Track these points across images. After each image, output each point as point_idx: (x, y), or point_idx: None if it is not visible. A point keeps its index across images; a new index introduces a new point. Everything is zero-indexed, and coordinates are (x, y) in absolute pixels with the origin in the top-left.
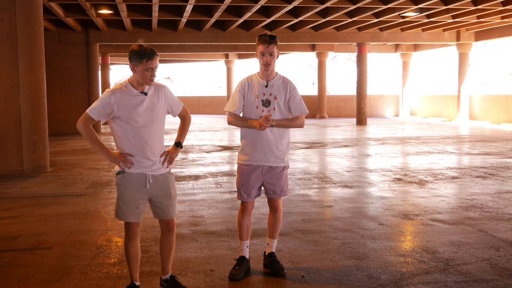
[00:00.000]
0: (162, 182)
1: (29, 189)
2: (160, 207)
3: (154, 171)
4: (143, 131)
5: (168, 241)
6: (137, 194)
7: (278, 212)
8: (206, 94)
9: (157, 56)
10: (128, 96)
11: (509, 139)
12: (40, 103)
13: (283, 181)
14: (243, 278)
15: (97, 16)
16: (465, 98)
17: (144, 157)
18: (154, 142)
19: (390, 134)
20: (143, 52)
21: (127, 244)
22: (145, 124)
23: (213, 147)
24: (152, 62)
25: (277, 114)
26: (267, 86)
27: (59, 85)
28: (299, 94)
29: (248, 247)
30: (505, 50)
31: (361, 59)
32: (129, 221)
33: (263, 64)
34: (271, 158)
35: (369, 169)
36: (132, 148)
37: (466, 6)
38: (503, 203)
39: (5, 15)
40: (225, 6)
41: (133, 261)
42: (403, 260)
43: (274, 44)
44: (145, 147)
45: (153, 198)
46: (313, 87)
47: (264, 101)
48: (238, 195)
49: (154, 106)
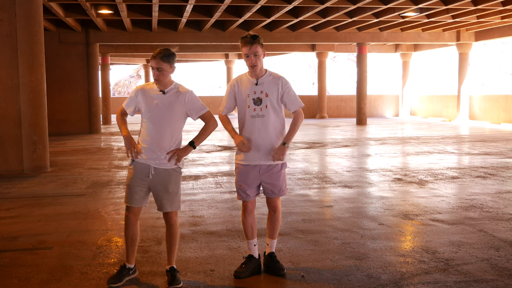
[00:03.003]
0: (163, 177)
1: (29, 189)
2: (157, 199)
3: (158, 165)
4: (154, 125)
5: (170, 234)
6: (138, 181)
7: (277, 212)
8: (206, 94)
9: (160, 56)
10: (149, 92)
11: (509, 139)
12: (40, 103)
13: (281, 181)
14: (249, 277)
15: (97, 16)
16: (465, 98)
17: (151, 150)
18: (163, 138)
19: (390, 134)
20: (153, 53)
21: (124, 227)
22: (157, 120)
23: (213, 147)
24: (153, 61)
25: (270, 112)
26: (257, 84)
27: (59, 85)
28: (293, 89)
29: (255, 246)
30: (505, 50)
31: (361, 59)
32: (129, 205)
33: (249, 66)
34: (267, 157)
35: (369, 169)
36: (145, 139)
37: (466, 6)
38: (503, 203)
39: (5, 15)
40: (225, 6)
41: (128, 243)
42: (403, 260)
43: (257, 44)
44: (154, 141)
45: (152, 190)
46: (313, 87)
47: (255, 99)
48: (238, 195)
49: (171, 106)
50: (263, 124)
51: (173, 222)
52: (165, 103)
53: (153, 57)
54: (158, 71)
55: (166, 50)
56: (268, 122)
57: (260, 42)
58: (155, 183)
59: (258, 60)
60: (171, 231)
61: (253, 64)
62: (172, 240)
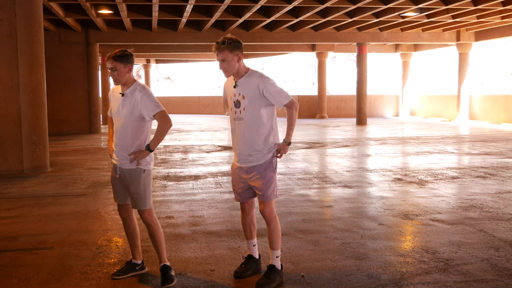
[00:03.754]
0: (126, 176)
1: (29, 189)
2: (130, 197)
3: (121, 165)
4: (116, 126)
5: (149, 233)
6: (114, 179)
7: (267, 220)
8: (206, 94)
9: (113, 57)
10: (115, 94)
11: (509, 139)
12: (40, 103)
13: (264, 184)
14: (248, 277)
15: (97, 16)
16: (465, 98)
17: (117, 150)
18: (124, 138)
19: (390, 134)
20: (108, 55)
21: (123, 224)
22: (117, 120)
23: (213, 147)
24: (107, 62)
25: (247, 114)
26: (235, 87)
27: (59, 85)
28: (275, 85)
29: (255, 246)
30: (505, 50)
31: (361, 59)
32: (116, 202)
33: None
34: (248, 158)
35: (369, 169)
36: (114, 141)
37: (466, 6)
38: (503, 203)
39: (5, 15)
40: (225, 6)
41: (129, 240)
42: (403, 260)
43: (224, 50)
44: (117, 142)
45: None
46: (313, 87)
47: (235, 102)
48: (234, 197)
49: (128, 107)
50: (242, 127)
51: (148, 222)
52: (125, 104)
53: (107, 59)
54: (112, 71)
55: (121, 51)
56: (247, 125)
57: (230, 47)
58: (122, 182)
59: (228, 65)
60: (149, 231)
61: (223, 70)
62: (154, 239)
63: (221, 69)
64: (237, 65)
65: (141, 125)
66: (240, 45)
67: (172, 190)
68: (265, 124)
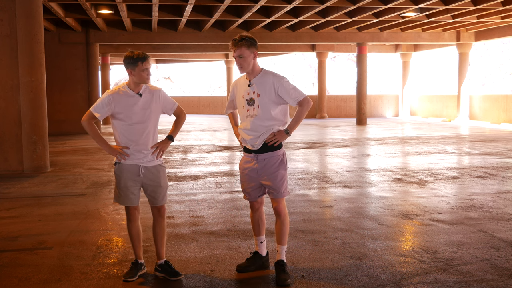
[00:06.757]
0: (153, 173)
1: (29, 189)
2: (151, 195)
3: (146, 163)
4: (137, 127)
5: (160, 226)
6: (130, 182)
7: (281, 216)
8: (206, 94)
9: (149, 58)
10: (125, 96)
11: (509, 139)
12: (40, 103)
13: (278, 181)
14: (251, 272)
15: (97, 16)
16: (465, 98)
17: (137, 150)
18: (147, 137)
19: (390, 134)
20: (137, 56)
21: (129, 226)
22: (139, 121)
23: (213, 147)
24: (146, 63)
25: (260, 112)
26: (249, 85)
27: (59, 85)
28: (291, 84)
29: (262, 243)
30: (505, 50)
31: (361, 59)
32: (127, 205)
33: (238, 68)
34: (261, 136)
35: (369, 169)
36: (128, 142)
37: (466, 6)
38: (503, 203)
39: (5, 15)
40: (225, 6)
41: (135, 241)
42: (403, 260)
43: (242, 46)
44: (139, 142)
45: (145, 187)
46: (313, 87)
47: (248, 100)
48: (243, 195)
49: (148, 105)
50: (255, 122)
51: (164, 214)
52: (144, 104)
53: (146, 59)
54: (148, 72)
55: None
56: (260, 120)
57: (247, 43)
58: (147, 180)
59: (244, 61)
60: (161, 223)
61: (240, 66)
62: (162, 233)
63: (237, 65)
64: (252, 62)
65: (158, 121)
66: (256, 43)
67: (172, 190)
68: (278, 120)
